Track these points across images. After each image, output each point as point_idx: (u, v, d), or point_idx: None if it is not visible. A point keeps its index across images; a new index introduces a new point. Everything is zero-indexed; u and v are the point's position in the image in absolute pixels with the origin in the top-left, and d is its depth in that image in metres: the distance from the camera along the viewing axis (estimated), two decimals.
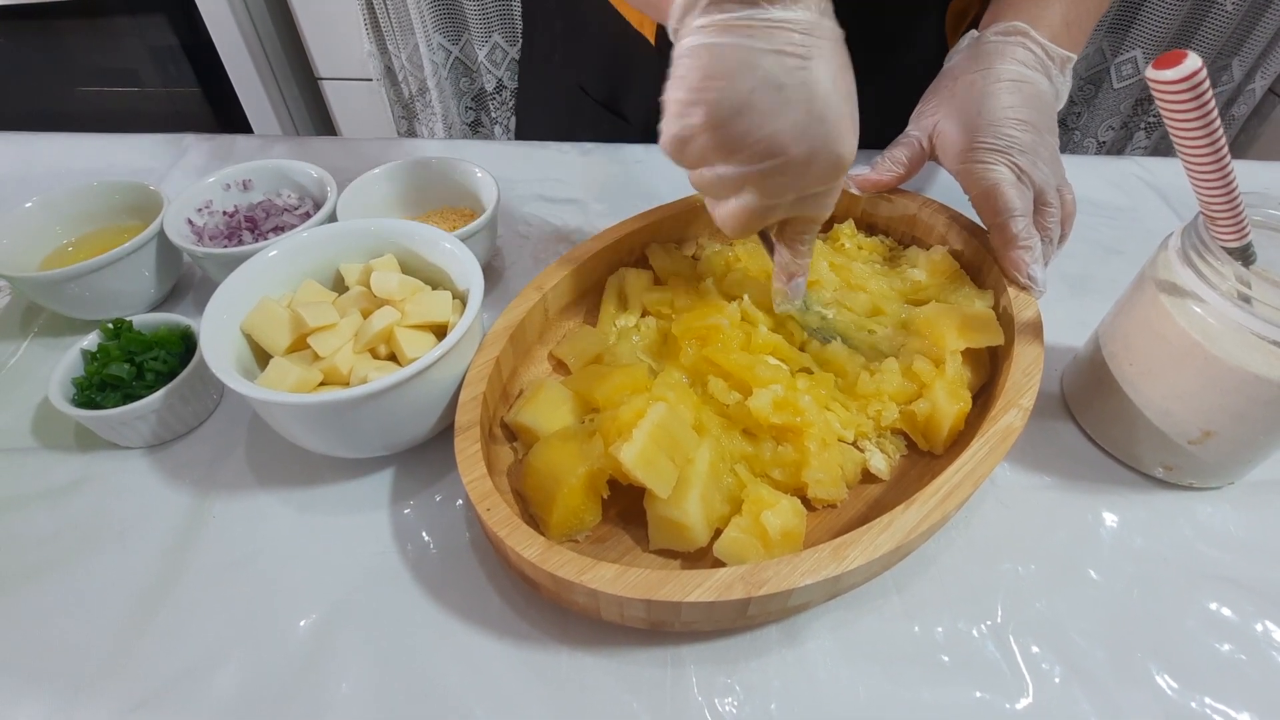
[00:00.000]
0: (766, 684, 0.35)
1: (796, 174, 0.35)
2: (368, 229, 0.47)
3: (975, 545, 0.40)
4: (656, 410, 0.38)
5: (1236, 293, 0.36)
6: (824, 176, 0.36)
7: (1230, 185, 0.34)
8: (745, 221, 0.38)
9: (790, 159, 0.34)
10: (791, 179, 0.35)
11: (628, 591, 0.32)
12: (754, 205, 0.37)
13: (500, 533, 0.34)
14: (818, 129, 0.33)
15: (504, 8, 1.35)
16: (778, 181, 0.35)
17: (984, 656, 0.36)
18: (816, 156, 0.34)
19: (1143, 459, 0.43)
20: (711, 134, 0.34)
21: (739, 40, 0.32)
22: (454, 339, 0.39)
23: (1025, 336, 0.42)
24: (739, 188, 0.36)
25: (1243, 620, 0.37)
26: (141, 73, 1.48)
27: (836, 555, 0.32)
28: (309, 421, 0.38)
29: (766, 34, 0.32)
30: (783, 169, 0.34)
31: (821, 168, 0.35)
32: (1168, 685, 0.35)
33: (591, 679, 0.35)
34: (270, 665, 0.36)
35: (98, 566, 0.40)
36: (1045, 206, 0.46)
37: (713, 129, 0.34)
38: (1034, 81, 0.47)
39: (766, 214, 0.37)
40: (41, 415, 0.47)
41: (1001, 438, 0.37)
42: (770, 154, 0.34)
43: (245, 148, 0.74)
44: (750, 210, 0.37)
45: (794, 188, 0.36)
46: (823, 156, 0.34)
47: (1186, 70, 0.30)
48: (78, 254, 0.54)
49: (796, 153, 0.34)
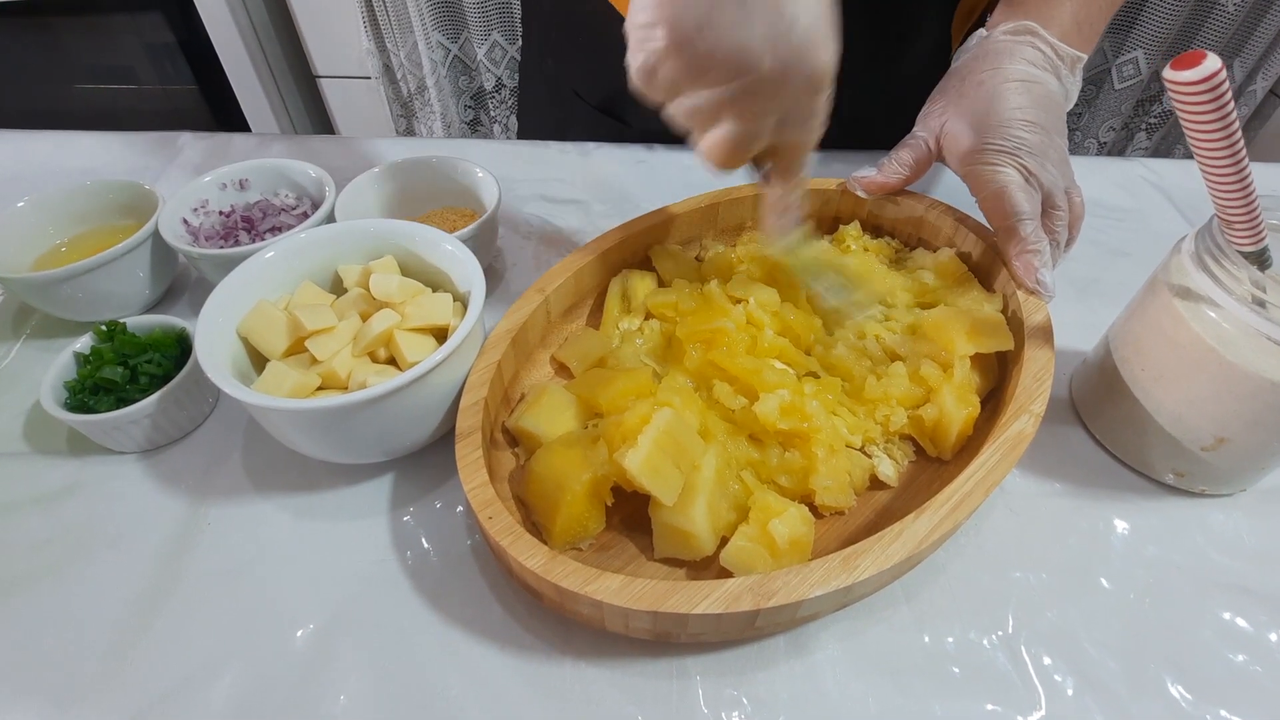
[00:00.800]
0: (774, 696, 0.34)
1: (772, 92, 0.32)
2: (367, 230, 0.46)
3: (985, 553, 0.39)
4: (662, 416, 0.37)
5: (1251, 297, 0.35)
6: (803, 92, 0.33)
7: (1248, 189, 0.33)
8: (729, 152, 0.35)
9: (762, 75, 0.31)
10: (768, 98, 0.33)
11: (633, 603, 0.31)
12: (734, 133, 0.34)
13: (503, 542, 0.33)
14: (788, 38, 0.31)
15: (503, 6, 1.34)
16: (754, 103, 0.33)
17: (995, 667, 0.35)
18: (791, 70, 0.32)
19: (1154, 465, 0.42)
20: (676, 56, 0.31)
21: None
22: (455, 343, 0.38)
23: (1035, 341, 0.41)
24: (716, 115, 0.34)
25: (1257, 630, 0.36)
26: (138, 70, 1.47)
27: (847, 565, 0.32)
28: (307, 427, 0.37)
29: None
30: (756, 87, 0.32)
31: (799, 82, 0.32)
32: (1182, 697, 0.34)
33: (595, 691, 0.34)
34: (268, 676, 0.35)
35: (90, 574, 0.39)
36: (1053, 209, 0.45)
37: (677, 50, 0.31)
38: (1043, 82, 0.46)
39: (749, 141, 0.35)
40: (33, 419, 0.46)
41: (1013, 444, 0.36)
42: (740, 70, 0.31)
43: (242, 146, 0.73)
44: (731, 139, 0.34)
45: (773, 108, 0.34)
46: (798, 69, 0.32)
47: (1206, 71, 0.29)
48: (71, 254, 0.53)
49: (768, 67, 0.31)
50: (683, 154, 0.70)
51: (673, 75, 0.33)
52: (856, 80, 0.63)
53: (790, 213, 0.42)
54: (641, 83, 0.34)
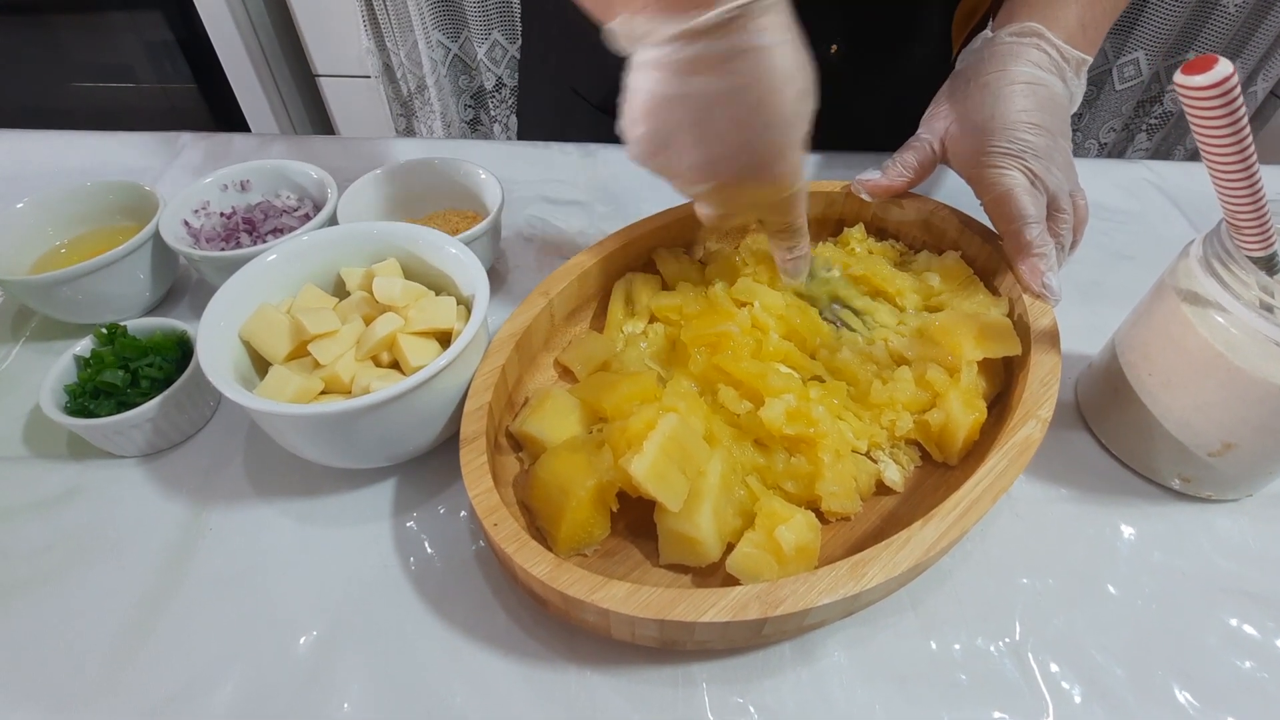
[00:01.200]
0: (781, 704, 0.34)
1: (736, 193, 0.37)
2: (370, 232, 0.45)
3: (991, 559, 0.39)
4: (667, 421, 0.37)
5: (1260, 302, 0.35)
6: (770, 193, 0.37)
7: (1258, 193, 0.33)
8: (711, 225, 0.40)
9: (724, 182, 0.36)
10: (735, 196, 0.37)
11: (640, 611, 0.31)
12: (716, 215, 0.39)
13: (508, 549, 0.33)
14: (749, 153, 0.34)
15: (503, 5, 1.33)
16: (723, 198, 0.37)
17: (1002, 675, 0.35)
18: (751, 177, 0.35)
19: (1160, 470, 0.42)
20: (651, 159, 0.36)
21: (668, 75, 0.32)
22: (459, 347, 0.38)
23: (1041, 345, 0.41)
24: (697, 199, 0.39)
25: (1264, 636, 0.36)
26: (137, 68, 1.47)
27: (854, 573, 0.32)
28: (310, 433, 0.37)
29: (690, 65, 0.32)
30: (722, 189, 0.36)
31: (761, 186, 0.36)
32: (1189, 703, 0.34)
33: (601, 698, 0.34)
34: (270, 683, 0.35)
35: (91, 580, 0.39)
36: (1058, 213, 0.45)
37: (650, 155, 0.36)
38: (1048, 84, 0.46)
39: (731, 221, 0.40)
40: (33, 423, 0.46)
41: (1020, 450, 0.36)
42: (703, 178, 0.36)
43: (242, 147, 0.72)
44: (715, 218, 0.39)
45: (741, 203, 0.38)
46: (758, 178, 0.36)
47: (1218, 76, 0.29)
48: (71, 256, 0.53)
49: (728, 176, 0.35)
50: None
51: (656, 170, 0.38)
52: (859, 83, 0.63)
53: (797, 260, 0.44)
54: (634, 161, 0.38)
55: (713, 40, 0.31)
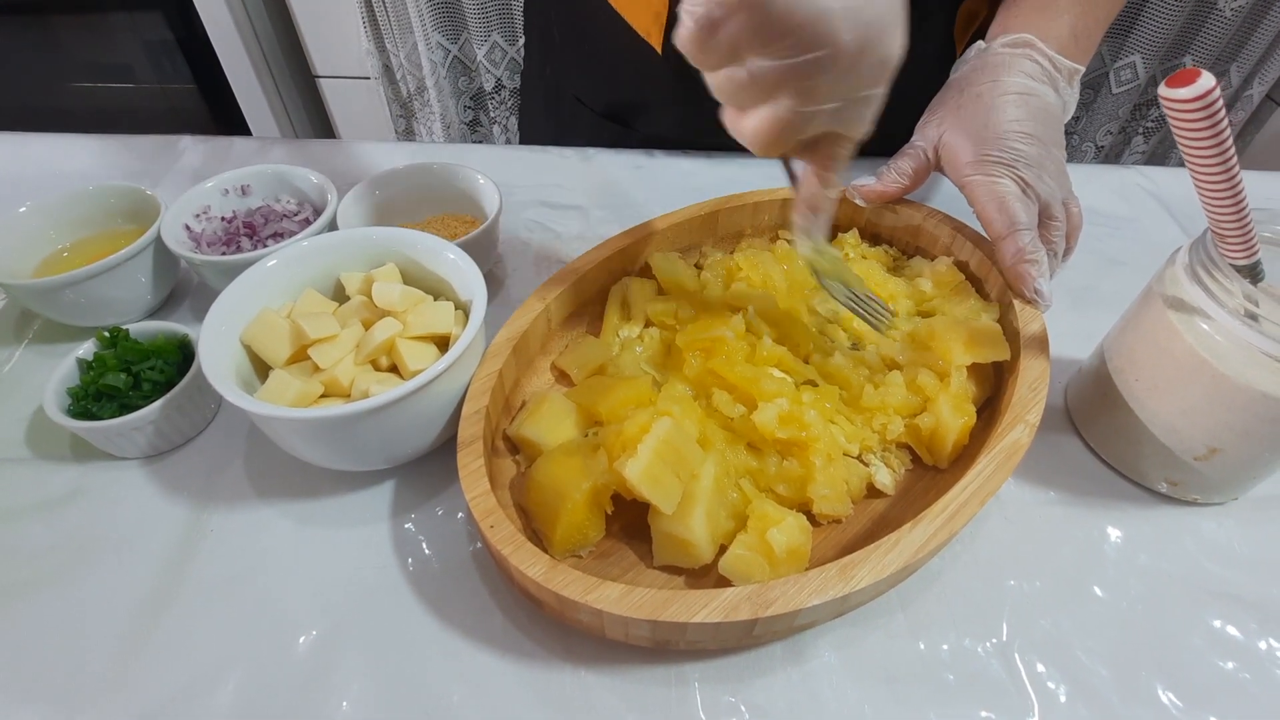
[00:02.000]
0: (772, 703, 0.35)
1: (843, 70, 0.30)
2: (369, 238, 0.46)
3: (980, 561, 0.40)
4: (662, 425, 0.37)
5: (1244, 310, 0.36)
6: (871, 77, 0.31)
7: (1241, 204, 0.34)
8: (778, 134, 0.32)
9: (838, 49, 0.29)
10: (836, 77, 0.30)
11: (633, 612, 0.31)
12: (789, 113, 0.31)
13: (504, 550, 0.34)
14: (871, 13, 0.29)
15: (503, 7, 1.34)
16: (820, 80, 0.30)
17: (989, 675, 0.35)
18: (867, 48, 0.29)
19: (1147, 474, 0.43)
20: (749, 12, 0.28)
21: None
22: (457, 352, 0.38)
23: (1031, 351, 0.42)
24: (773, 89, 0.31)
25: (1247, 638, 0.37)
26: (136, 69, 1.47)
27: (844, 575, 0.32)
28: (310, 436, 0.37)
29: None
30: (828, 63, 0.29)
31: (871, 63, 0.30)
32: (1172, 704, 0.35)
33: (595, 698, 0.35)
34: (270, 682, 0.35)
35: (93, 580, 0.39)
36: (1051, 220, 0.46)
37: (751, 5, 0.28)
38: (1041, 94, 0.46)
39: (803, 125, 0.32)
40: (36, 425, 0.47)
41: (1008, 454, 0.37)
42: (817, 41, 0.28)
43: (242, 151, 0.73)
44: (784, 120, 0.31)
45: (837, 91, 0.31)
46: (873, 49, 0.30)
47: (1200, 89, 0.30)
48: (73, 259, 0.53)
49: (847, 40, 0.28)
50: (682, 159, 0.70)
51: (737, 35, 0.29)
52: None
53: (822, 213, 0.40)
54: (695, 40, 0.30)
55: None
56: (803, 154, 0.37)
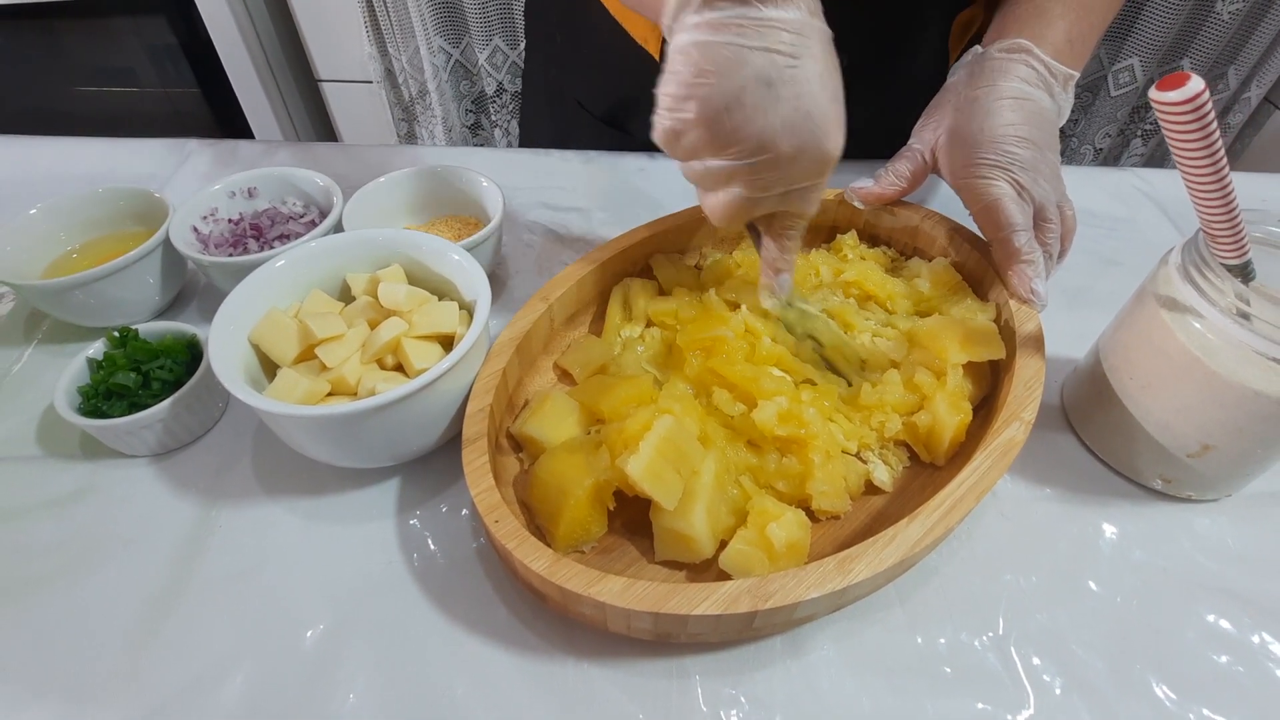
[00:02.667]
0: (771, 695, 0.35)
1: (784, 169, 0.36)
2: (375, 239, 0.47)
3: (977, 556, 0.40)
4: (663, 423, 0.38)
5: (1235, 309, 0.36)
6: (811, 172, 0.36)
7: (1231, 204, 0.34)
8: (733, 213, 0.39)
9: (779, 154, 0.35)
10: (779, 173, 0.36)
11: (635, 604, 0.32)
12: (741, 197, 0.38)
13: (508, 545, 0.34)
14: (805, 125, 0.34)
15: (505, 11, 1.35)
16: (765, 176, 0.36)
17: (986, 668, 0.36)
18: (804, 152, 0.35)
19: (1142, 471, 0.43)
20: (703, 129, 0.35)
21: (731, 38, 0.33)
22: (461, 351, 0.39)
23: (1027, 350, 0.42)
24: (728, 180, 0.37)
25: (1240, 632, 0.38)
26: (140, 73, 1.48)
27: (841, 568, 0.33)
28: (317, 433, 0.38)
29: (758, 32, 0.33)
30: (771, 164, 0.35)
31: (808, 163, 0.36)
32: (1166, 697, 0.35)
33: (597, 690, 0.35)
34: (278, 676, 0.36)
35: (103, 577, 0.40)
36: (1045, 222, 0.46)
37: (704, 124, 0.35)
38: (1036, 99, 0.47)
39: (754, 206, 0.38)
40: (46, 423, 0.47)
41: (1004, 451, 0.37)
42: (759, 149, 0.35)
43: (249, 153, 0.74)
44: (738, 202, 0.38)
45: (781, 182, 0.37)
46: (810, 152, 0.35)
47: (1190, 92, 0.30)
48: (82, 261, 0.54)
49: (785, 148, 0.35)
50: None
51: (695, 144, 0.36)
52: (855, 93, 0.65)
53: (783, 273, 0.44)
54: (663, 143, 0.37)
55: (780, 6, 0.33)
56: (761, 225, 0.43)
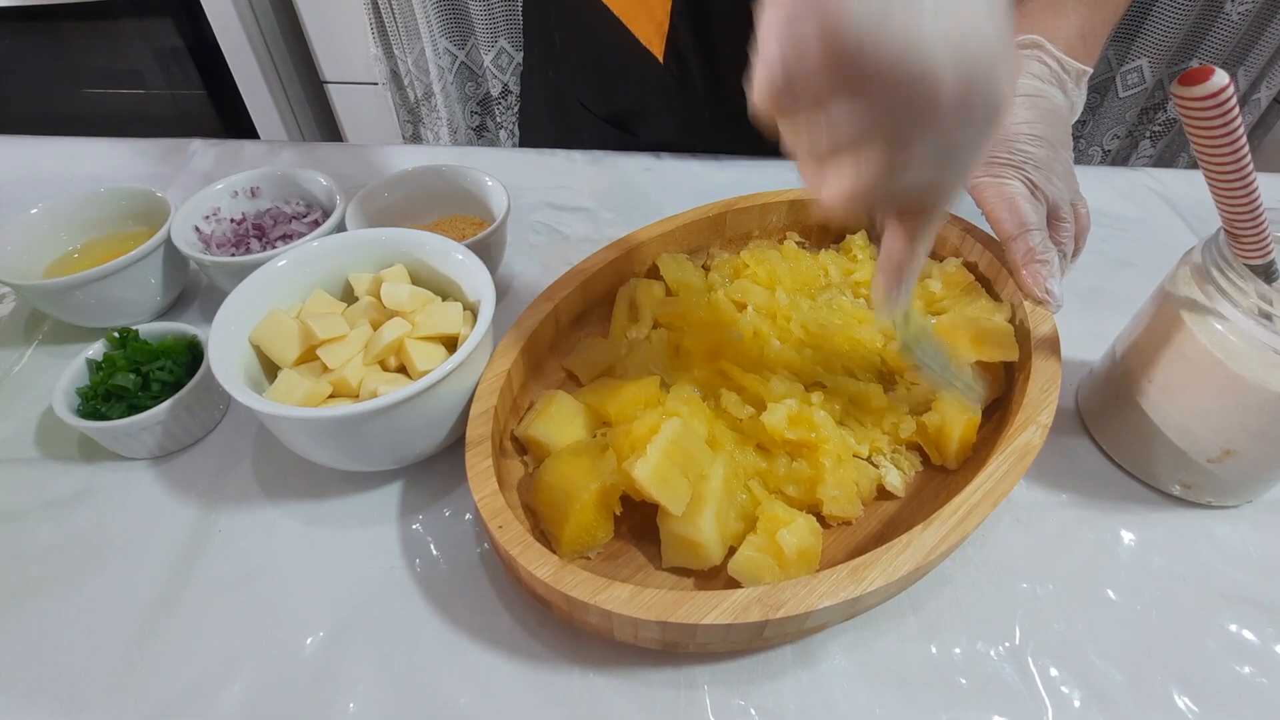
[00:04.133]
0: (782, 706, 0.34)
1: (944, 114, 0.24)
2: (378, 239, 0.46)
3: (992, 564, 0.40)
4: (670, 426, 0.37)
5: (1258, 310, 0.35)
6: (979, 120, 0.25)
7: (1255, 202, 0.34)
8: (864, 191, 0.26)
9: (940, 88, 0.23)
10: (936, 122, 0.24)
11: (642, 613, 0.31)
12: (878, 168, 0.26)
13: (512, 551, 0.33)
14: (977, 49, 0.23)
15: (510, 12, 1.35)
16: (916, 126, 0.25)
17: (1002, 679, 0.35)
18: (974, 91, 0.24)
19: (1160, 477, 0.42)
20: (834, 52, 0.23)
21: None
22: (465, 352, 0.38)
23: (1042, 352, 0.41)
24: (861, 140, 0.25)
25: (1263, 642, 0.37)
26: (147, 75, 1.48)
27: (855, 577, 0.32)
28: (318, 435, 0.37)
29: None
30: (927, 105, 0.24)
31: (978, 107, 0.24)
32: (1188, 709, 0.34)
33: (603, 700, 0.34)
34: (277, 683, 0.35)
35: (101, 580, 0.39)
36: (1059, 221, 0.45)
37: (836, 43, 0.23)
38: (1049, 95, 0.46)
39: (893, 179, 0.26)
40: (45, 425, 0.47)
41: (1020, 456, 0.37)
42: (913, 79, 0.23)
43: (252, 154, 0.73)
44: (872, 175, 0.26)
45: (936, 136, 0.25)
46: (981, 91, 0.24)
47: (1214, 86, 0.30)
48: (83, 261, 0.54)
49: (949, 79, 0.23)
50: (691, 162, 0.70)
51: (816, 82, 0.24)
52: None
53: (908, 276, 0.33)
54: (771, 88, 0.25)
55: None
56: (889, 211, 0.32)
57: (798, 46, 0.24)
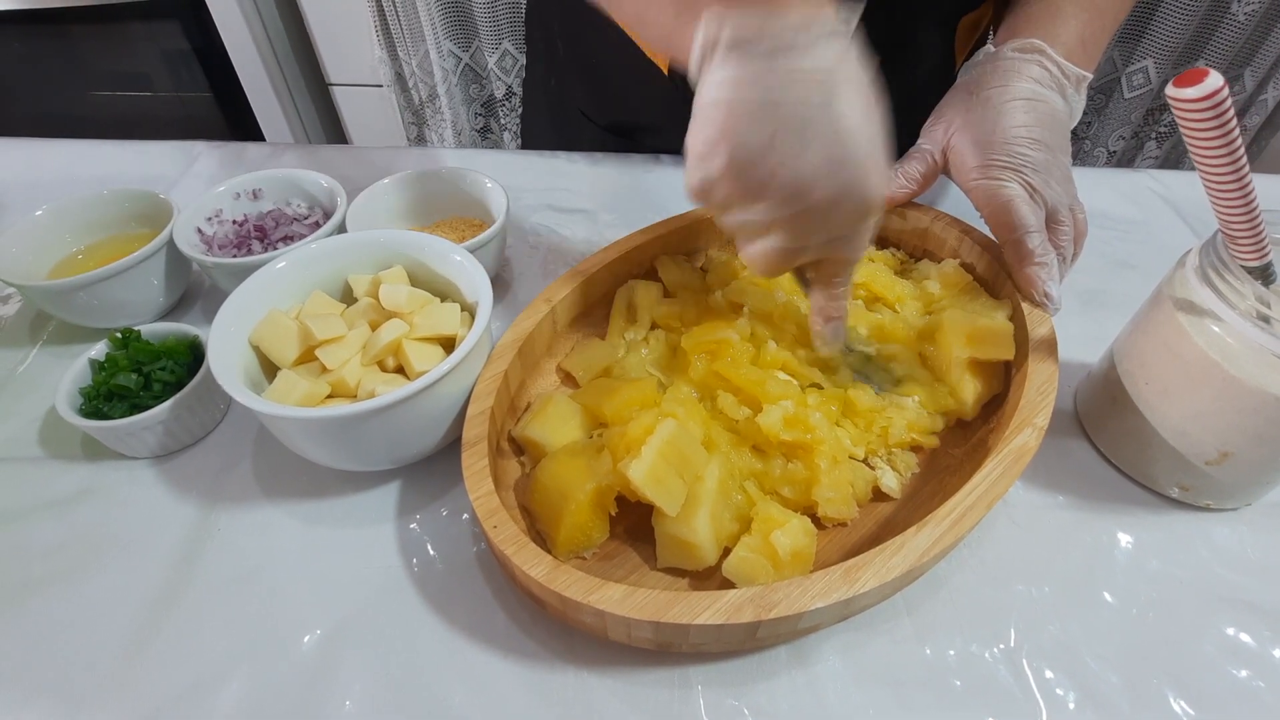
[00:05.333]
0: (775, 707, 0.34)
1: (822, 216, 0.34)
2: (377, 240, 0.46)
3: (987, 566, 0.39)
4: (666, 427, 0.37)
5: (1256, 312, 0.35)
6: (851, 219, 0.35)
7: (1251, 204, 0.33)
8: (774, 263, 0.37)
9: (815, 201, 0.33)
10: (818, 221, 0.34)
11: (635, 613, 0.31)
12: (781, 247, 0.36)
13: (507, 551, 0.34)
14: (842, 170, 0.32)
15: (514, 15, 1.35)
16: (804, 224, 0.35)
17: (997, 681, 0.35)
18: (842, 198, 0.33)
19: (1158, 479, 0.42)
20: (734, 179, 0.33)
21: (758, 89, 0.31)
22: (462, 353, 0.38)
23: (1039, 353, 0.41)
24: (765, 230, 0.36)
25: (1260, 646, 0.36)
26: (154, 77, 1.49)
27: (848, 578, 0.32)
28: (316, 435, 0.38)
29: (787, 80, 0.31)
30: (808, 212, 0.33)
31: (848, 210, 0.34)
32: (1184, 712, 0.34)
33: (597, 700, 0.35)
34: (275, 681, 0.35)
35: (102, 578, 0.40)
36: (1058, 225, 0.45)
37: (734, 175, 0.33)
38: (1048, 100, 0.46)
39: (795, 255, 0.37)
40: (48, 425, 0.47)
41: (1016, 457, 0.36)
42: (795, 197, 0.33)
43: (255, 156, 0.74)
44: (778, 252, 0.36)
45: (821, 230, 0.35)
46: (849, 198, 0.33)
47: (1208, 89, 0.30)
48: (87, 262, 0.54)
49: (821, 195, 0.33)
50: None
51: (727, 195, 0.35)
52: None
53: (835, 319, 0.41)
54: (695, 197, 0.36)
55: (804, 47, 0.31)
56: (809, 271, 0.41)
57: (711, 174, 0.34)
